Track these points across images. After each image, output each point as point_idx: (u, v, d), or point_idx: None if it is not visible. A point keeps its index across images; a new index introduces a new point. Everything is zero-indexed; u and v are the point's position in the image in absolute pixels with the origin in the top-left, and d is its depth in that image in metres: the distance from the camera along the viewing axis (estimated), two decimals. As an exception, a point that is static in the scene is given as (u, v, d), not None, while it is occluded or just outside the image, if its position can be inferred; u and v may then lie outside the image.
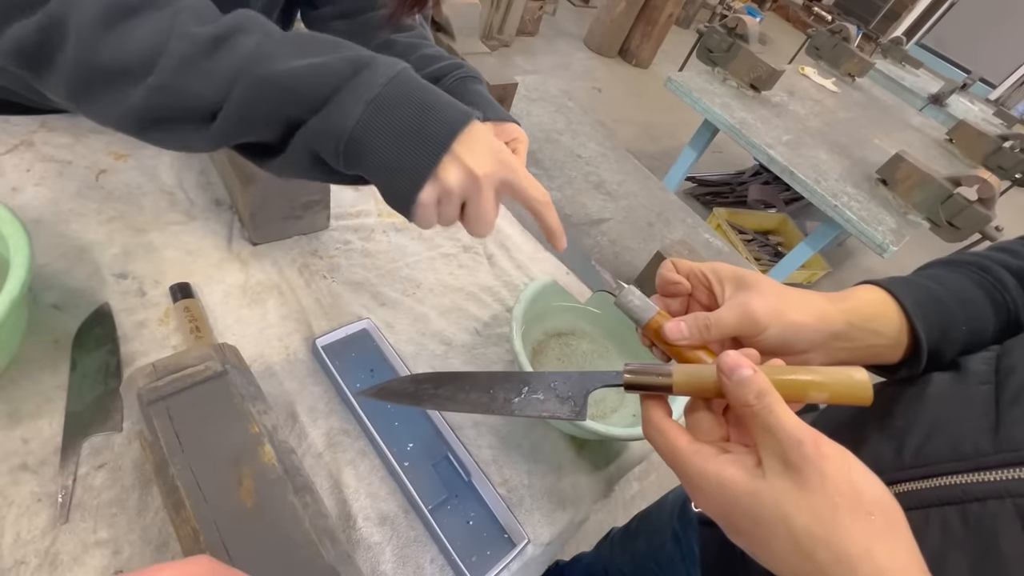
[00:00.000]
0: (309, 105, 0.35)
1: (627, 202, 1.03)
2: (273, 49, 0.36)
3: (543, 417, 0.32)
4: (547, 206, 0.40)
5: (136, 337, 0.51)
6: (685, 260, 0.41)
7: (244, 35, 0.36)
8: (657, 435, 0.29)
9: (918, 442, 0.31)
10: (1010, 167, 2.18)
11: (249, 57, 0.35)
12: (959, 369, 0.33)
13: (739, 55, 1.86)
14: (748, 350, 0.30)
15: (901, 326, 0.35)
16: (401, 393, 0.35)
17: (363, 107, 0.35)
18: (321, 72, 0.35)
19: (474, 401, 0.33)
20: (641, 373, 0.30)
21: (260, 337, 0.55)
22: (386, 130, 0.35)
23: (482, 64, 0.94)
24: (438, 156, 0.36)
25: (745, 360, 0.27)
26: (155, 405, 0.39)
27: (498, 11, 3.13)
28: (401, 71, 0.37)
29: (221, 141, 0.37)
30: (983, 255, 0.38)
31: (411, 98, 0.36)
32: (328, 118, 0.35)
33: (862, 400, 0.27)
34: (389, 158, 0.36)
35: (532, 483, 0.55)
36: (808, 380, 0.27)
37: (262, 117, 0.36)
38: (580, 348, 0.69)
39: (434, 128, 0.36)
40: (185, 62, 0.34)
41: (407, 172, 0.36)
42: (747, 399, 0.26)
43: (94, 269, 0.54)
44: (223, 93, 0.35)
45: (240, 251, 0.62)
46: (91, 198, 0.59)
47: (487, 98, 0.58)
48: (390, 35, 0.60)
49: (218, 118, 0.35)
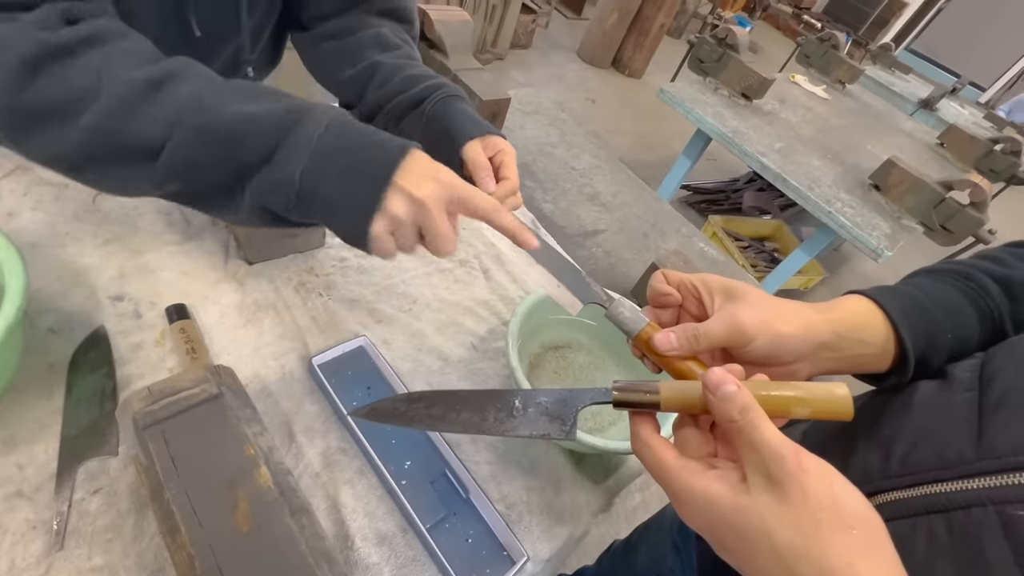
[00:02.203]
0: (256, 155, 0.37)
1: (621, 213, 1.04)
2: (211, 97, 0.37)
3: (534, 437, 0.32)
4: (498, 211, 0.41)
5: (132, 359, 0.51)
6: (675, 272, 0.41)
7: (180, 81, 0.37)
8: (645, 451, 0.29)
9: (904, 450, 0.31)
10: (1001, 170, 2.20)
11: (186, 104, 0.36)
12: (945, 377, 0.34)
13: (730, 65, 1.88)
14: (733, 366, 0.30)
15: (888, 335, 0.35)
16: (393, 413, 0.35)
17: (306, 157, 0.37)
18: (262, 121, 0.37)
19: (465, 421, 0.33)
20: (629, 390, 0.30)
21: (256, 356, 0.55)
22: (331, 175, 0.37)
23: (476, 80, 0.95)
24: (381, 190, 0.38)
25: (729, 376, 0.27)
26: (151, 429, 0.38)
27: (491, 25, 3.16)
28: (334, 119, 0.39)
29: (162, 186, 0.38)
30: (967, 263, 0.39)
31: (347, 142, 0.38)
32: (277, 170, 0.37)
33: (843, 415, 0.27)
34: (337, 200, 0.38)
35: (531, 499, 0.54)
36: (791, 396, 0.28)
37: (203, 165, 0.37)
38: (577, 360, 0.69)
39: (374, 165, 0.38)
40: (122, 104, 0.35)
41: (355, 210, 0.38)
42: (731, 415, 0.26)
43: (90, 292, 0.54)
44: (163, 137, 0.36)
45: (236, 270, 0.62)
46: (88, 221, 0.60)
47: (471, 115, 0.58)
48: (378, 55, 0.61)
49: (158, 163, 0.36)
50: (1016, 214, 4.60)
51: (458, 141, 0.56)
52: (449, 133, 0.57)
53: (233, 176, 0.38)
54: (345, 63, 0.62)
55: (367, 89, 0.60)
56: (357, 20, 0.63)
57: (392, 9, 0.66)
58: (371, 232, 0.38)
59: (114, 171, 0.38)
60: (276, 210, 0.39)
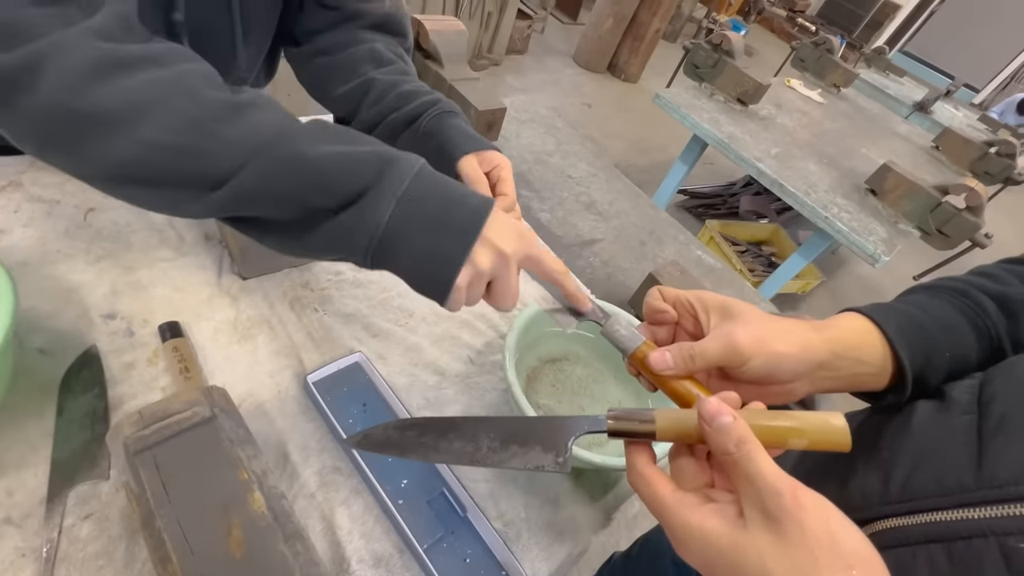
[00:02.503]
0: (341, 197, 0.36)
1: (618, 221, 1.03)
2: (295, 130, 0.36)
3: (528, 469, 0.31)
4: (566, 275, 0.42)
5: (125, 379, 0.51)
6: (671, 288, 0.41)
7: (260, 110, 0.36)
8: (641, 483, 0.29)
9: (904, 474, 0.31)
10: (996, 172, 2.21)
11: (271, 132, 0.35)
12: (943, 398, 0.33)
13: (725, 70, 1.89)
14: (728, 394, 0.30)
15: (885, 354, 0.35)
16: (386, 442, 0.35)
17: (394, 203, 0.36)
18: (352, 163, 0.36)
19: (458, 451, 0.32)
20: (624, 419, 0.30)
21: (250, 374, 0.55)
22: (418, 224, 0.37)
23: (471, 90, 0.95)
24: (471, 242, 0.37)
25: (725, 407, 0.27)
26: (142, 455, 0.38)
27: (487, 31, 3.17)
28: (423, 166, 0.38)
29: (220, 210, 0.36)
30: (963, 280, 0.39)
31: (436, 191, 0.38)
32: (362, 215, 0.36)
33: (841, 446, 0.27)
34: (422, 250, 0.37)
35: (529, 516, 0.54)
36: (788, 427, 0.27)
37: (277, 196, 0.36)
38: (575, 374, 0.69)
39: (464, 216, 0.38)
40: (196, 123, 0.34)
41: (442, 260, 0.37)
42: (727, 447, 0.26)
43: (82, 311, 0.54)
44: (237, 163, 0.34)
45: (230, 286, 0.61)
46: (79, 238, 0.59)
47: (466, 130, 0.58)
48: (372, 71, 0.61)
49: (225, 187, 0.34)
50: (1011, 216, 4.63)
51: (453, 156, 0.56)
52: (444, 149, 0.57)
53: (308, 214, 0.36)
54: (338, 79, 0.61)
55: (361, 106, 0.60)
56: (350, 35, 0.63)
57: (385, 22, 0.65)
58: (456, 283, 0.37)
59: (172, 191, 0.35)
60: (349, 254, 0.38)
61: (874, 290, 3.03)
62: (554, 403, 0.65)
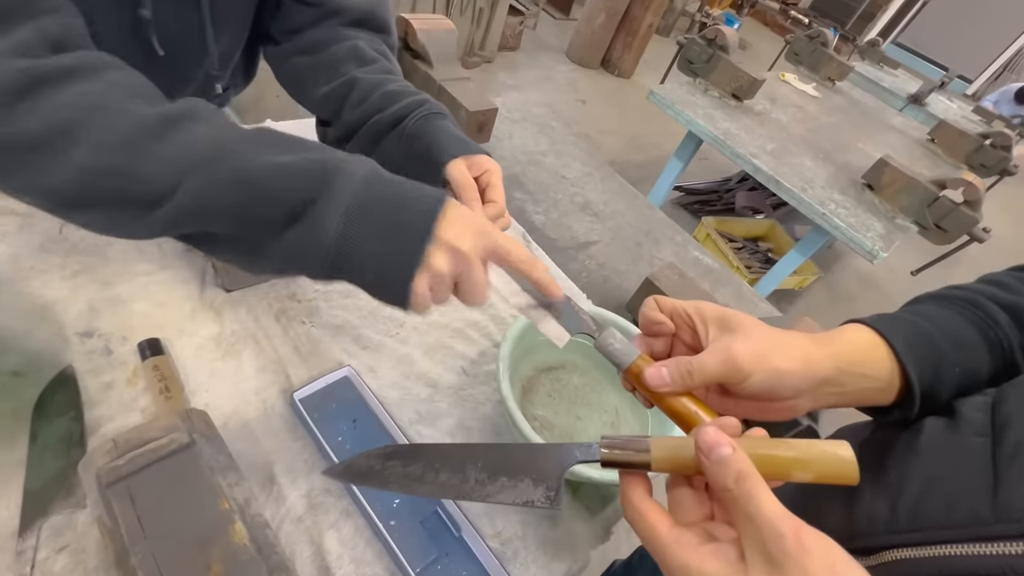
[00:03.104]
0: (283, 211, 0.34)
1: (614, 222, 1.02)
2: (232, 142, 0.34)
3: (516, 504, 0.30)
4: (532, 264, 0.40)
5: (102, 401, 0.49)
6: (668, 299, 0.39)
7: (195, 122, 0.34)
8: (636, 518, 0.27)
9: (912, 500, 0.29)
10: (992, 164, 2.20)
11: (205, 147, 0.33)
12: (953, 415, 0.32)
13: (720, 66, 1.87)
14: (727, 420, 0.28)
15: (892, 368, 0.33)
16: (368, 473, 0.33)
17: (342, 215, 0.34)
18: (292, 175, 0.34)
19: (444, 483, 0.31)
20: (617, 449, 0.28)
21: (235, 392, 0.53)
22: (368, 233, 0.35)
23: (462, 90, 0.93)
24: (423, 245, 0.35)
25: (724, 437, 0.25)
26: (115, 487, 0.36)
27: (479, 28, 3.14)
28: (370, 171, 0.36)
29: (165, 230, 0.35)
30: (973, 289, 0.37)
31: (384, 196, 0.36)
32: (309, 229, 0.34)
33: (848, 479, 0.25)
34: (375, 260, 0.35)
35: (526, 534, 0.52)
36: (791, 458, 0.26)
37: (218, 214, 0.34)
38: (571, 382, 0.67)
39: (414, 219, 0.36)
40: (127, 143, 0.32)
41: (395, 268, 0.35)
42: (726, 482, 0.24)
43: (57, 329, 0.52)
44: (172, 183, 0.32)
45: (213, 299, 0.59)
46: (54, 252, 0.57)
47: (454, 133, 0.56)
48: (355, 70, 0.58)
49: (165, 206, 0.33)
50: (1007, 208, 4.63)
51: (441, 160, 0.54)
52: (431, 152, 0.54)
53: (253, 230, 0.35)
54: (320, 79, 0.59)
55: (344, 107, 0.58)
56: (331, 32, 0.60)
57: (367, 19, 0.63)
58: (413, 290, 0.36)
59: (113, 213, 0.34)
60: (307, 269, 0.36)
61: (871, 284, 3.02)
62: (551, 414, 0.63)
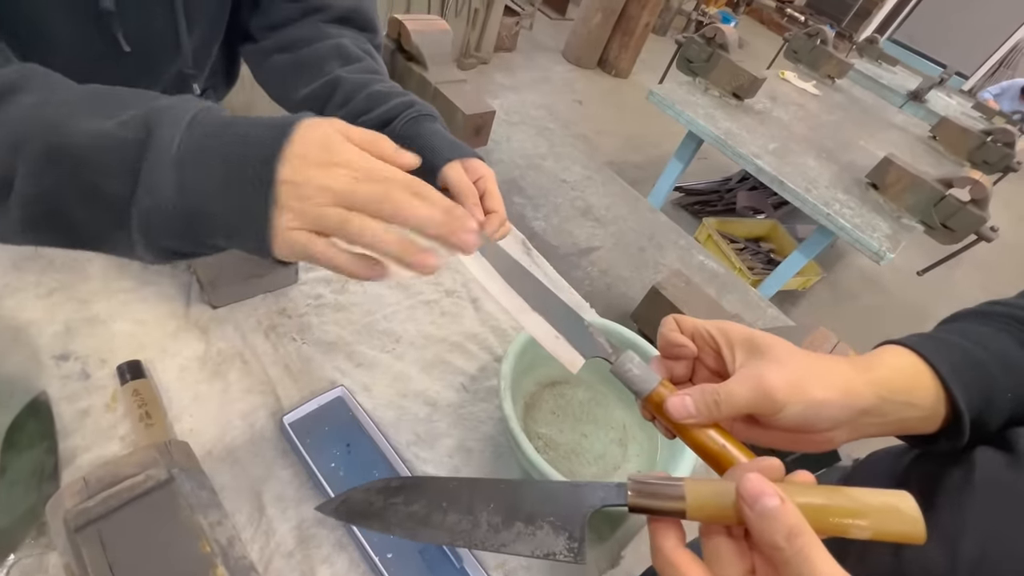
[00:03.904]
0: (117, 182, 0.29)
1: (616, 227, 0.99)
2: (55, 111, 0.30)
3: (537, 556, 0.27)
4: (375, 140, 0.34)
5: (78, 429, 0.46)
6: (689, 318, 0.36)
7: (23, 93, 0.31)
8: (670, 570, 0.24)
9: (974, 551, 0.26)
10: (995, 161, 2.18)
11: (28, 121, 0.30)
12: (1011, 450, 0.29)
13: (719, 64, 1.84)
14: (770, 462, 0.25)
15: (938, 395, 0.31)
16: (367, 512, 0.30)
17: (173, 172, 0.29)
18: (111, 139, 0.29)
19: (452, 527, 0.28)
20: (648, 496, 0.25)
21: (221, 416, 0.50)
22: (211, 188, 0.29)
23: (458, 93, 0.90)
24: (267, 195, 0.29)
25: (770, 486, 0.22)
26: (85, 531, 0.33)
27: (475, 29, 3.11)
28: (198, 112, 0.31)
29: (28, 226, 0.31)
30: (1018, 305, 0.34)
31: (218, 141, 0.30)
32: (148, 196, 0.29)
33: (912, 538, 0.22)
34: (227, 218, 0.30)
35: (531, 563, 0.49)
36: (847, 509, 0.22)
37: (62, 198, 0.30)
38: (576, 397, 0.64)
39: (249, 164, 0.29)
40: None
41: (248, 220, 0.30)
42: (775, 540, 0.21)
43: (31, 352, 0.49)
44: (6, 164, 0.29)
45: (199, 317, 0.56)
46: (29, 270, 0.54)
47: (445, 136, 0.53)
48: (338, 69, 0.55)
49: (12, 196, 0.29)
50: (1010, 205, 4.61)
51: (435, 164, 0.51)
52: (424, 156, 0.51)
53: (101, 211, 0.30)
54: (301, 78, 0.56)
55: (326, 108, 0.55)
56: (314, 29, 0.57)
57: (351, 16, 0.60)
58: (273, 245, 0.30)
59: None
60: (174, 246, 0.31)
61: (875, 283, 3.00)
62: (555, 432, 0.60)
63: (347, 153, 0.31)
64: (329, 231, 0.30)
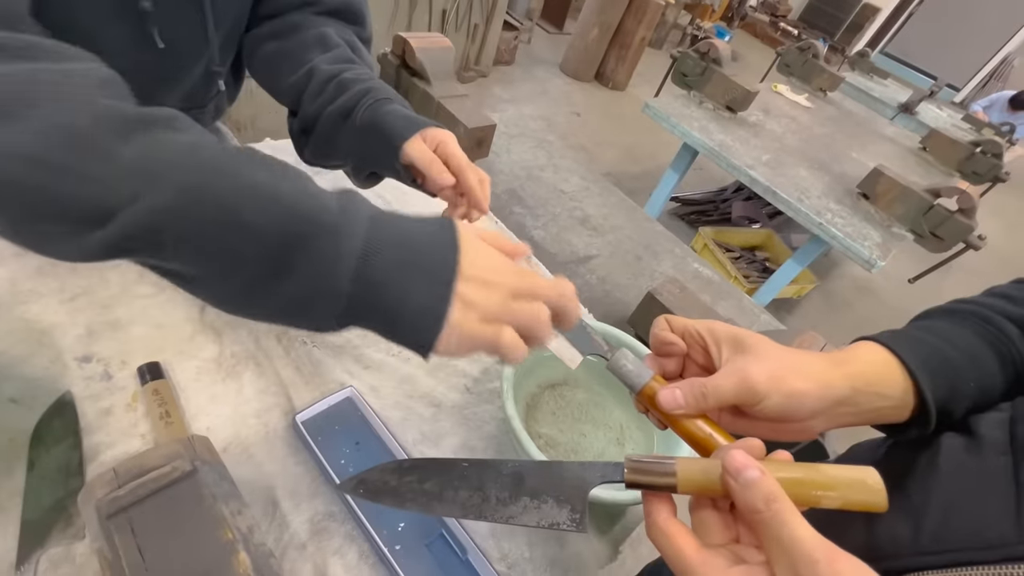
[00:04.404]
0: (278, 244, 0.29)
1: (613, 236, 1.02)
2: (216, 157, 0.29)
3: (541, 527, 0.29)
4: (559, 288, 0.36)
5: (101, 427, 0.48)
6: (679, 318, 0.39)
7: (174, 131, 0.29)
8: (662, 539, 0.27)
9: (936, 522, 0.29)
10: (984, 171, 2.22)
11: (183, 155, 0.28)
12: (971, 434, 0.32)
13: (713, 78, 1.89)
14: (752, 442, 0.28)
15: (906, 387, 0.33)
16: (383, 488, 0.32)
17: (359, 256, 0.29)
18: (298, 201, 0.29)
19: (465, 502, 0.30)
20: (643, 471, 0.28)
21: (236, 416, 0.52)
22: (387, 272, 0.30)
23: (460, 107, 0.93)
24: (452, 277, 0.31)
25: (752, 460, 0.25)
26: (116, 518, 0.35)
27: (474, 43, 3.17)
28: (373, 208, 0.33)
29: (104, 254, 0.28)
30: (982, 303, 0.37)
31: (394, 227, 0.32)
32: (318, 270, 0.29)
33: (876, 506, 0.25)
34: (399, 297, 0.31)
35: (533, 555, 0.51)
36: (819, 482, 0.25)
37: (191, 238, 0.28)
38: (575, 399, 0.67)
39: (434, 251, 0.32)
40: (79, 136, 0.26)
41: (421, 317, 0.31)
42: (756, 505, 0.24)
43: (56, 354, 0.51)
44: (130, 192, 0.27)
45: (214, 321, 0.59)
46: (53, 276, 0.56)
47: (403, 114, 0.55)
48: (317, 57, 0.57)
49: (110, 225, 0.27)
50: (1000, 214, 4.67)
51: (395, 145, 0.53)
52: (385, 138, 0.53)
53: (232, 268, 0.29)
54: (287, 67, 0.58)
55: (304, 96, 0.57)
56: (302, 18, 0.60)
57: (341, 9, 0.62)
58: (447, 323, 0.31)
59: (31, 223, 0.28)
60: (309, 318, 0.31)
61: (868, 291, 3.03)
62: (555, 432, 0.62)
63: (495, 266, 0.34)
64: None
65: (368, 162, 0.58)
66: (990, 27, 7.01)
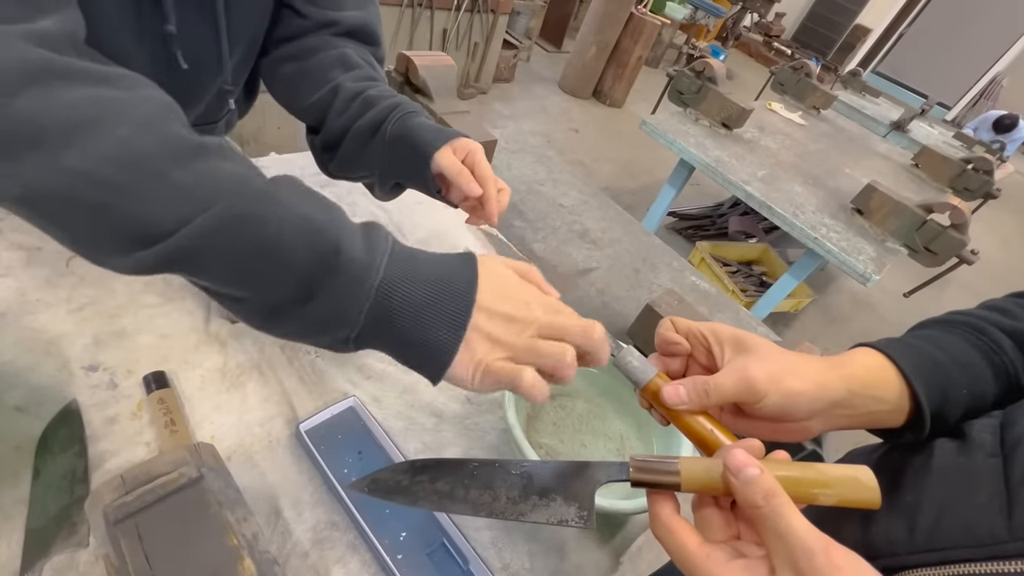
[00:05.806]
0: (311, 267, 0.31)
1: (612, 249, 1.03)
2: (264, 186, 0.32)
3: (551, 523, 0.30)
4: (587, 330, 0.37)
5: (107, 435, 0.48)
6: (684, 319, 0.40)
7: (224, 159, 0.31)
8: (666, 535, 0.28)
9: (929, 522, 0.29)
10: (975, 188, 2.26)
11: (233, 182, 0.31)
12: (963, 438, 0.33)
13: (709, 96, 1.93)
14: (752, 442, 0.29)
15: (902, 391, 0.34)
16: (395, 488, 0.33)
17: (381, 281, 0.32)
18: (334, 227, 0.32)
19: (475, 501, 0.31)
20: (647, 470, 0.29)
21: (240, 424, 0.52)
22: (407, 299, 0.32)
23: (461, 122, 0.95)
24: (463, 325, 0.33)
25: (751, 458, 0.26)
26: (123, 524, 0.35)
27: (474, 61, 3.23)
28: (394, 240, 0.35)
29: (153, 270, 0.31)
30: (977, 315, 0.38)
31: (415, 267, 0.34)
32: (345, 289, 0.31)
33: (869, 504, 0.26)
34: (415, 326, 0.32)
35: (535, 565, 0.51)
36: (815, 480, 0.26)
37: (227, 262, 0.30)
38: (576, 409, 0.67)
39: (455, 283, 0.34)
40: (142, 159, 0.28)
41: (433, 350, 0.33)
42: (755, 500, 0.25)
43: (62, 363, 0.51)
44: (186, 215, 0.29)
45: (218, 331, 0.59)
46: (61, 286, 0.57)
47: (432, 126, 0.57)
48: (340, 76, 0.59)
49: (163, 243, 0.29)
50: (993, 230, 4.73)
51: (427, 155, 0.55)
52: (416, 150, 0.55)
53: (268, 287, 0.31)
54: (308, 87, 0.60)
55: (328, 114, 0.59)
56: (321, 41, 0.61)
57: (357, 30, 0.64)
58: (456, 358, 0.33)
59: (91, 237, 0.30)
60: (329, 335, 0.33)
61: (865, 305, 3.05)
62: (556, 442, 0.63)
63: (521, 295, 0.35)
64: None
65: (397, 173, 0.60)
66: (980, 47, 7.17)
